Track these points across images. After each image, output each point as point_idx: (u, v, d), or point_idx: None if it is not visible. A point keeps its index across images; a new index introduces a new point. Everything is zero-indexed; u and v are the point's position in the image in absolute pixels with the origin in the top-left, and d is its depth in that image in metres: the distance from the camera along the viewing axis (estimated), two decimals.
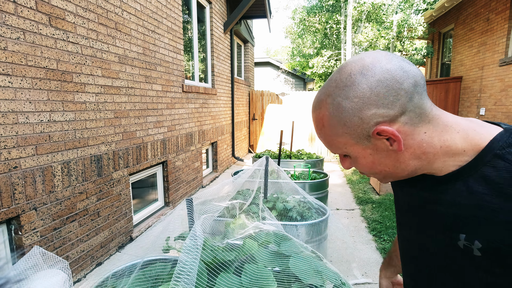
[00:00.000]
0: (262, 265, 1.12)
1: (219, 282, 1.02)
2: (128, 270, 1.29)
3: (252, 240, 1.31)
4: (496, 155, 0.49)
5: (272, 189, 2.47)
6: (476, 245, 0.50)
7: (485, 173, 0.50)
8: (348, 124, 0.53)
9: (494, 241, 0.48)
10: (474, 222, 0.50)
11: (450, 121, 0.54)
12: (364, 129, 0.53)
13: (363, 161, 0.58)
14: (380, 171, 0.58)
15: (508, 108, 5.50)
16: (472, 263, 0.52)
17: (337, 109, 0.54)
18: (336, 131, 0.56)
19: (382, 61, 0.52)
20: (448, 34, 8.62)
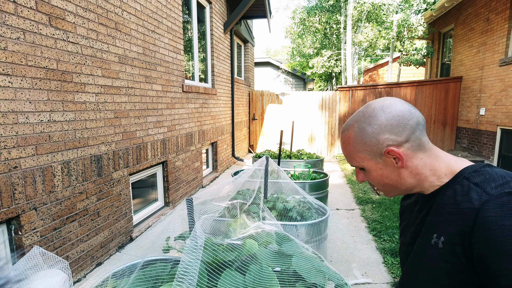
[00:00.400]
0: (265, 266, 1.11)
1: (223, 279, 1.02)
2: (128, 270, 1.28)
3: (253, 240, 1.31)
4: (464, 177, 0.69)
5: (272, 189, 2.47)
6: (441, 239, 0.67)
7: (455, 189, 0.69)
8: (368, 143, 0.73)
9: (451, 235, 0.65)
10: (443, 224, 0.68)
11: (440, 153, 0.74)
12: (378, 148, 0.72)
13: (375, 173, 0.76)
14: (386, 184, 0.77)
15: (508, 108, 5.50)
16: (436, 255, 0.68)
17: (361, 131, 0.74)
18: (358, 148, 0.75)
19: (397, 104, 0.72)
20: (448, 34, 8.62)
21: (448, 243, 0.66)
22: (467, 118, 7.08)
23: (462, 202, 0.65)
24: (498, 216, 0.59)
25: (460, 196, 0.67)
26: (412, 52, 9.77)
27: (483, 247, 0.59)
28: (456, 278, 0.65)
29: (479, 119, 6.53)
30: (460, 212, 0.65)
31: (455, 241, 0.64)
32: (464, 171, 0.70)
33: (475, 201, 0.63)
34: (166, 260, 1.37)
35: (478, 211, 0.61)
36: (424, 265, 0.72)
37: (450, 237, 0.65)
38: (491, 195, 0.62)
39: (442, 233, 0.67)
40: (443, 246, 0.66)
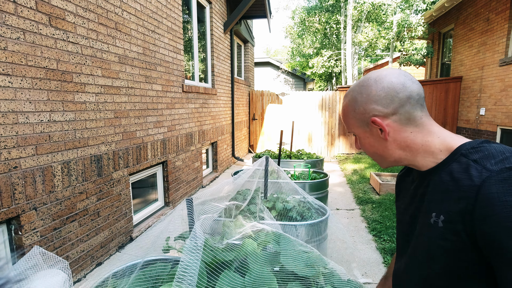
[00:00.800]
0: (264, 266, 1.12)
1: (222, 280, 1.02)
2: (129, 270, 1.29)
3: (252, 240, 1.31)
4: (462, 154, 0.67)
5: (272, 189, 2.47)
6: (441, 218, 0.66)
7: (452, 167, 0.67)
8: (357, 111, 0.76)
9: (451, 213, 0.64)
10: (442, 202, 0.67)
11: (435, 129, 0.73)
12: (365, 117, 0.75)
13: (364, 141, 0.79)
14: (375, 153, 0.79)
15: (508, 108, 5.50)
16: (436, 234, 0.67)
17: (353, 100, 0.77)
18: (350, 115, 0.78)
19: (392, 76, 0.72)
20: (448, 34, 8.62)
21: (448, 221, 0.64)
22: (467, 118, 7.08)
23: (461, 180, 0.64)
24: (500, 192, 0.57)
25: (458, 174, 0.65)
26: (412, 52, 9.77)
27: (486, 224, 0.58)
28: (455, 256, 0.64)
29: (479, 119, 6.53)
30: (460, 189, 0.63)
31: (455, 219, 0.63)
32: (462, 148, 0.68)
33: (475, 178, 0.61)
34: (166, 260, 1.37)
35: (479, 188, 0.60)
36: (424, 245, 0.71)
37: (450, 215, 0.64)
38: (491, 171, 0.60)
39: (441, 212, 0.66)
40: (443, 225, 0.65)
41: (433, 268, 0.69)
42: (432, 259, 0.69)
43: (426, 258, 0.71)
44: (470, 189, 0.61)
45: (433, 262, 0.69)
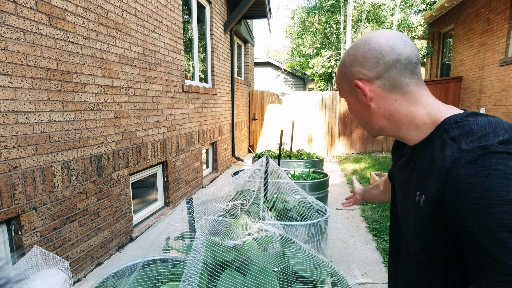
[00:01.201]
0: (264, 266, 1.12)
1: (223, 280, 1.02)
2: (128, 270, 1.28)
3: (252, 240, 1.31)
4: (444, 129, 0.62)
5: (272, 189, 2.47)
6: (423, 198, 0.63)
7: (435, 144, 0.63)
8: (344, 74, 0.72)
9: (429, 194, 0.61)
10: (423, 181, 0.64)
11: (423, 99, 0.67)
12: (351, 80, 0.70)
13: (350, 107, 0.76)
14: (361, 120, 0.76)
15: (508, 108, 5.50)
16: (418, 212, 0.65)
17: (343, 62, 0.73)
18: (340, 78, 0.75)
19: (382, 38, 0.66)
20: (448, 34, 8.62)
21: (427, 201, 0.62)
22: None
23: (437, 159, 0.60)
24: (467, 174, 0.53)
25: (437, 152, 0.61)
26: None
27: (454, 209, 0.55)
28: (436, 235, 0.62)
29: None
30: (435, 170, 0.60)
31: (431, 201, 0.60)
32: (446, 122, 0.63)
33: (447, 159, 0.58)
34: (166, 260, 1.37)
35: (449, 170, 0.56)
36: (411, 221, 0.70)
37: (428, 195, 0.61)
38: (463, 151, 0.56)
39: (423, 191, 0.63)
40: (423, 204, 0.63)
41: (416, 245, 0.69)
42: (417, 236, 0.68)
43: (413, 235, 0.70)
44: (442, 170, 0.58)
45: (418, 240, 0.68)
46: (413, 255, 0.71)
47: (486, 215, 0.51)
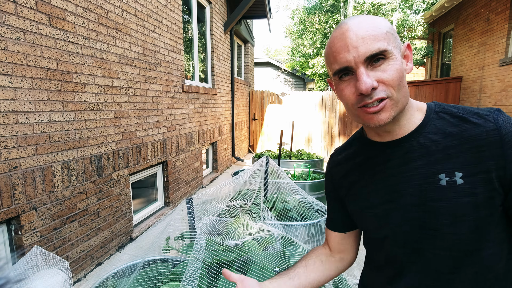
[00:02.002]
0: (265, 266, 1.12)
1: (223, 279, 1.02)
2: (128, 270, 1.28)
3: (252, 240, 1.31)
4: (436, 112, 0.68)
5: (272, 189, 2.47)
6: (459, 175, 0.62)
7: (437, 124, 0.66)
8: (393, 33, 0.67)
9: (473, 166, 0.61)
10: (449, 160, 0.63)
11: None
12: (399, 41, 0.68)
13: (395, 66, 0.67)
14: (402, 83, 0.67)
15: (508, 108, 5.50)
16: (457, 193, 0.62)
17: (384, 21, 0.67)
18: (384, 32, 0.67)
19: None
20: (448, 34, 8.62)
21: (470, 175, 0.61)
22: None
23: (466, 130, 0.63)
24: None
25: (453, 127, 0.64)
26: None
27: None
28: (486, 207, 0.61)
29: None
30: (472, 139, 0.62)
31: (480, 170, 0.60)
32: (431, 107, 0.69)
33: (487, 124, 0.61)
34: (166, 260, 1.37)
35: (499, 131, 0.60)
36: (444, 210, 0.63)
37: (470, 168, 0.61)
38: (492, 115, 0.63)
39: (455, 169, 0.62)
40: (464, 180, 0.61)
41: (458, 232, 0.62)
42: (459, 221, 0.62)
43: (450, 223, 0.63)
44: (488, 135, 0.61)
45: (461, 223, 0.62)
46: (458, 245, 0.63)
47: None
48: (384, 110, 0.62)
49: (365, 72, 0.61)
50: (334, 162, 0.85)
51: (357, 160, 0.77)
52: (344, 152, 0.82)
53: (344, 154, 0.82)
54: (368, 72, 0.62)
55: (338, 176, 0.82)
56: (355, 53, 0.61)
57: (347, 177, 0.79)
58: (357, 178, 0.76)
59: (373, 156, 0.74)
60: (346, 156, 0.81)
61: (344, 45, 0.62)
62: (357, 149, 0.79)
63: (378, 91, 0.62)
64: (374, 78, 0.61)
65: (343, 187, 0.80)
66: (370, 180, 0.73)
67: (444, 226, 0.64)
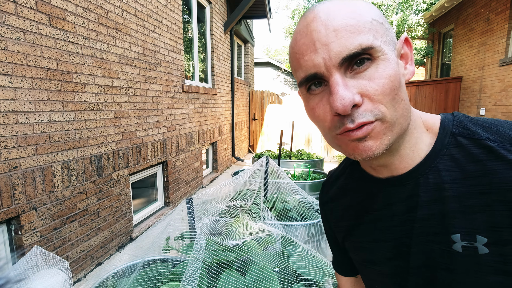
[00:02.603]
0: (265, 266, 1.12)
1: (223, 279, 1.02)
2: (128, 270, 1.28)
3: (252, 240, 1.31)
4: (454, 134, 0.46)
5: (272, 189, 2.47)
6: (481, 241, 0.41)
7: (454, 156, 0.45)
8: (384, 24, 0.49)
9: (499, 228, 0.40)
10: (465, 215, 0.42)
11: None
12: (393, 34, 0.50)
13: (389, 68, 0.49)
14: (398, 93, 0.48)
15: (508, 108, 5.50)
16: (480, 266, 0.42)
17: (373, 8, 0.50)
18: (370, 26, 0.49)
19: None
20: (448, 34, 8.62)
21: (499, 242, 0.40)
22: None
23: (496, 173, 0.41)
24: None
25: (475, 164, 0.43)
26: None
27: None
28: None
29: None
30: (505, 188, 0.40)
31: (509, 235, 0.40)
32: (446, 125, 0.47)
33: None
34: (166, 260, 1.37)
35: None
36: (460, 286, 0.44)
37: (499, 232, 0.40)
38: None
39: (476, 230, 0.42)
40: (490, 250, 0.41)
41: None
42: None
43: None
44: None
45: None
46: None
47: None
48: (372, 137, 0.42)
49: (342, 81, 0.42)
50: (325, 198, 0.66)
51: (353, 197, 0.59)
52: (337, 184, 0.64)
53: (337, 187, 0.64)
54: (346, 81, 0.42)
55: (333, 216, 0.64)
56: (326, 53, 0.42)
57: (343, 219, 0.61)
58: (355, 222, 0.58)
59: (372, 196, 0.54)
60: (339, 190, 0.63)
61: (310, 42, 0.43)
62: (352, 182, 0.60)
63: (362, 111, 0.42)
64: (356, 90, 0.42)
65: (341, 231, 0.63)
66: (372, 227, 0.55)
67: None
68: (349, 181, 0.60)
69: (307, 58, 0.43)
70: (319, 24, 0.42)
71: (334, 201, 0.63)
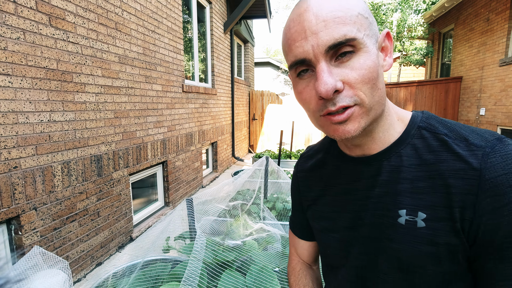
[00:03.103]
0: (264, 266, 1.11)
1: (224, 279, 1.02)
2: (128, 270, 1.28)
3: (252, 240, 1.31)
4: (420, 127, 0.54)
5: (272, 189, 2.47)
6: (421, 216, 0.50)
7: (416, 145, 0.53)
8: (368, 18, 0.55)
9: (439, 209, 0.48)
10: (415, 195, 0.50)
11: None
12: (376, 29, 0.56)
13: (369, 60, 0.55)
14: (377, 83, 0.55)
15: (508, 108, 5.50)
16: (416, 238, 0.50)
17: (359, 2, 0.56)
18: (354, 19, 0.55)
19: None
20: (448, 34, 8.62)
21: (434, 219, 0.48)
22: (467, 118, 7.08)
23: (444, 162, 0.49)
24: (507, 174, 0.44)
25: (431, 154, 0.50)
26: (412, 52, 9.77)
27: (495, 218, 0.44)
28: (448, 262, 0.49)
29: (479, 119, 6.53)
30: (447, 175, 0.48)
31: (446, 216, 0.48)
32: (415, 120, 0.55)
33: (470, 159, 0.47)
34: (166, 260, 1.37)
35: (482, 172, 0.45)
36: (398, 254, 0.52)
37: (436, 211, 0.48)
38: (484, 147, 0.47)
39: (420, 207, 0.50)
40: (426, 224, 0.49)
41: (410, 283, 0.52)
42: (408, 272, 0.52)
43: (397, 271, 0.53)
44: (466, 174, 0.47)
45: (410, 275, 0.52)
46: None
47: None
48: (351, 120, 0.49)
49: (327, 68, 0.47)
50: (302, 168, 0.73)
51: (324, 171, 0.66)
52: (314, 158, 0.71)
53: (314, 161, 0.70)
54: (331, 69, 0.47)
55: (304, 185, 0.72)
56: (314, 41, 0.46)
57: (312, 189, 0.69)
58: (322, 193, 0.66)
59: (342, 171, 0.62)
60: (315, 164, 0.70)
61: (301, 30, 0.47)
62: (327, 157, 0.67)
63: (343, 96, 0.48)
64: (339, 78, 0.47)
65: (308, 200, 0.70)
66: (336, 199, 0.63)
67: (396, 271, 0.53)
68: (325, 157, 0.67)
69: (298, 44, 0.48)
70: (310, 15, 0.47)
71: (308, 172, 0.71)
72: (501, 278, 0.46)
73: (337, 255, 0.64)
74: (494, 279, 0.47)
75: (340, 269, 0.63)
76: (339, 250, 0.62)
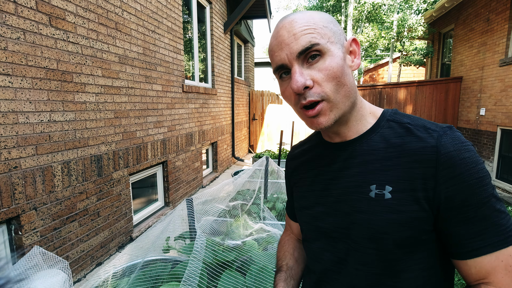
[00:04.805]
0: (264, 266, 1.11)
1: (223, 280, 1.02)
2: (129, 270, 1.28)
3: (252, 240, 1.31)
4: (388, 120, 0.65)
5: (272, 189, 2.47)
6: (388, 189, 0.59)
7: (384, 133, 0.64)
8: (335, 24, 0.68)
9: (403, 182, 0.58)
10: (383, 172, 0.61)
11: None
12: (343, 34, 0.67)
13: (335, 61, 0.66)
14: (345, 83, 0.64)
15: (508, 108, 5.50)
16: (382, 207, 0.59)
17: (323, 15, 0.67)
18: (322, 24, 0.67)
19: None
20: (448, 34, 8.62)
21: (399, 191, 0.58)
22: (467, 119, 7.08)
23: (407, 143, 0.59)
24: (456, 151, 0.55)
25: (399, 138, 0.61)
26: (412, 52, 9.76)
27: (451, 185, 0.55)
28: (411, 228, 0.57)
29: (479, 120, 6.53)
30: (410, 153, 0.58)
31: (411, 187, 0.57)
32: (385, 114, 0.66)
33: (428, 139, 0.58)
34: (166, 260, 1.37)
35: (438, 149, 0.56)
36: (368, 224, 0.61)
37: (400, 184, 0.58)
38: (438, 131, 0.58)
39: (387, 182, 0.59)
40: (392, 196, 0.59)
41: (378, 249, 0.60)
42: (382, 237, 0.59)
43: (373, 237, 0.60)
44: (426, 151, 0.57)
45: (384, 240, 0.59)
46: (374, 263, 0.61)
47: (482, 187, 0.55)
48: (322, 114, 0.60)
49: (299, 70, 0.59)
50: (290, 156, 0.85)
51: (307, 157, 0.77)
52: (301, 147, 0.82)
53: (300, 149, 0.82)
54: (302, 70, 0.59)
55: (291, 170, 0.83)
56: (288, 50, 0.59)
57: (297, 172, 0.79)
58: (303, 176, 0.76)
59: (321, 156, 0.73)
60: (301, 151, 0.81)
61: (278, 43, 0.61)
62: (311, 146, 0.78)
63: (312, 92, 0.59)
64: (309, 77, 0.59)
65: (293, 182, 0.81)
66: (313, 179, 0.73)
67: (366, 240, 0.61)
68: (310, 145, 0.79)
69: (277, 54, 0.61)
70: (284, 31, 0.60)
71: (295, 159, 0.82)
72: (467, 237, 0.56)
73: (310, 230, 0.73)
74: (462, 239, 0.56)
75: (315, 242, 0.72)
76: (312, 225, 0.72)
